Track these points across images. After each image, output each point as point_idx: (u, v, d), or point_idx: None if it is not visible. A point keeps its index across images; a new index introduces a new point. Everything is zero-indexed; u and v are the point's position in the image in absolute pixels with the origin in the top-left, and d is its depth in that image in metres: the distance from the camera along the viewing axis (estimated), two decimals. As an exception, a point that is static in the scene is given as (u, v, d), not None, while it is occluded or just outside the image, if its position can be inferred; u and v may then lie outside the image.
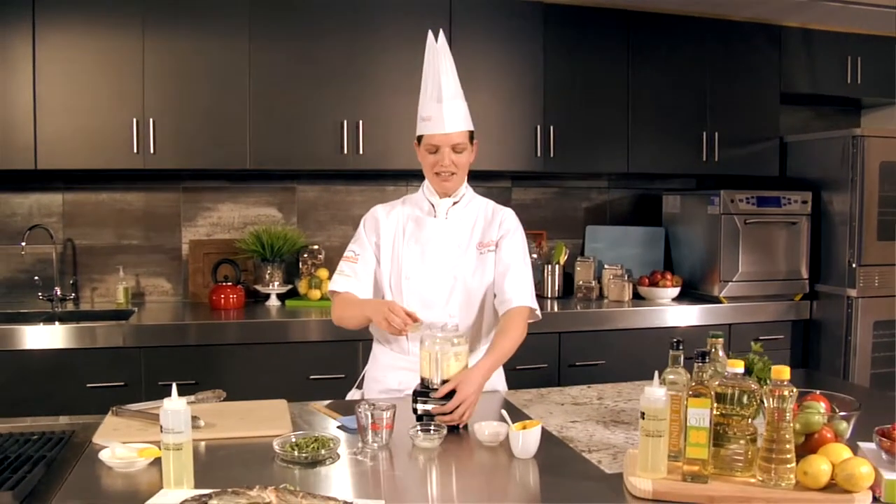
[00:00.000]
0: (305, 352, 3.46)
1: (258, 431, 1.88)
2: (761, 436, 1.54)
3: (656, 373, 1.56)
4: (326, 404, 2.19)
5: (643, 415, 1.54)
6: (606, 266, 4.22)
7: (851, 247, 3.87)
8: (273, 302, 3.93)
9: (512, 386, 2.50)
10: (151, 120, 3.51)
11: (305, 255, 4.08)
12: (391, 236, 2.36)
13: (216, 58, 3.60)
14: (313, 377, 3.43)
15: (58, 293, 3.71)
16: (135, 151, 3.51)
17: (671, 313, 3.87)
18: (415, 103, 2.33)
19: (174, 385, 1.57)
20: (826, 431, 1.58)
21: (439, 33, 2.34)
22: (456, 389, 1.93)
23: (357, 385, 2.52)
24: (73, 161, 3.47)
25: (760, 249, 3.96)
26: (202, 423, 1.90)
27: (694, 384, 1.53)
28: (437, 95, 2.25)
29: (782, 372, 1.50)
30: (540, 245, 4.31)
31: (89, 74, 3.47)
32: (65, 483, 1.59)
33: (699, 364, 1.54)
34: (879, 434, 1.57)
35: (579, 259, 4.27)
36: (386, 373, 2.36)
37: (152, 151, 3.53)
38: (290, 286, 4.01)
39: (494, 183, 4.42)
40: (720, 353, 1.71)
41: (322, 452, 1.71)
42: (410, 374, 2.16)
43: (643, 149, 4.11)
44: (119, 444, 1.69)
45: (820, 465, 1.47)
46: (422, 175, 4.00)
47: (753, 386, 1.54)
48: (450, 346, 1.98)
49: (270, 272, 3.95)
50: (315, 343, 3.47)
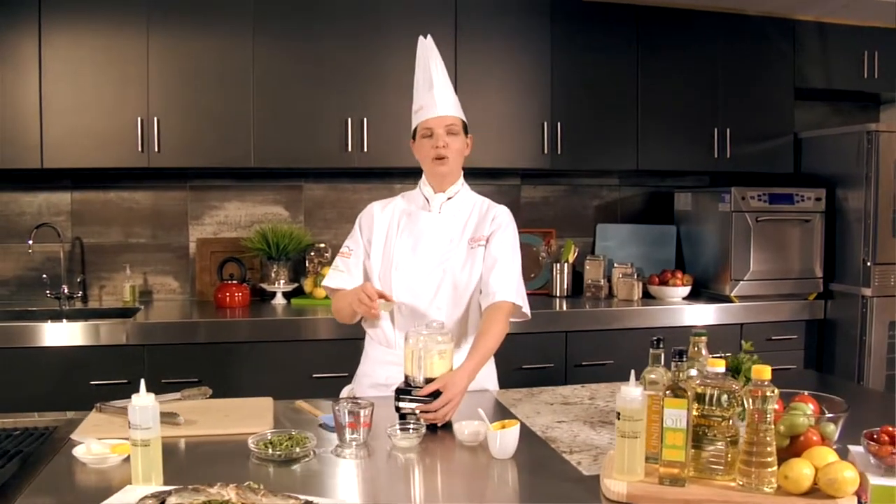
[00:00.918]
0: (309, 350, 3.45)
1: (238, 429, 1.86)
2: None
3: (632, 372, 1.52)
4: (311, 402, 2.17)
5: (619, 415, 1.49)
6: (616, 265, 4.16)
7: (866, 245, 3.77)
8: (279, 300, 3.92)
9: (517, 384, 2.46)
10: (156, 119, 3.53)
11: (312, 254, 4.08)
12: (384, 230, 2.36)
13: (220, 56, 3.60)
14: (316, 375, 3.41)
15: (65, 291, 3.74)
16: (139, 150, 3.52)
17: (681, 313, 3.80)
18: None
19: (142, 381, 1.55)
20: (812, 434, 1.52)
21: (428, 36, 2.39)
22: (442, 390, 1.91)
23: (351, 381, 2.51)
24: (79, 160, 3.49)
25: (773, 247, 3.88)
26: (182, 420, 1.89)
27: (671, 384, 1.48)
28: (429, 84, 2.31)
29: (762, 372, 1.45)
30: (549, 243, 4.26)
31: (94, 74, 3.49)
32: (37, 478, 1.59)
33: (676, 363, 1.50)
34: (867, 437, 1.52)
35: (589, 257, 4.21)
36: (375, 367, 2.34)
37: (157, 150, 3.54)
38: (297, 284, 4.01)
39: (504, 181, 4.38)
40: (703, 352, 1.66)
41: (296, 450, 1.69)
42: (397, 369, 2.13)
43: (653, 146, 4.05)
44: (94, 441, 1.68)
45: (802, 469, 1.42)
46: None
47: (735, 386, 1.49)
48: (434, 344, 1.95)
49: (276, 270, 3.95)
50: (319, 341, 3.46)
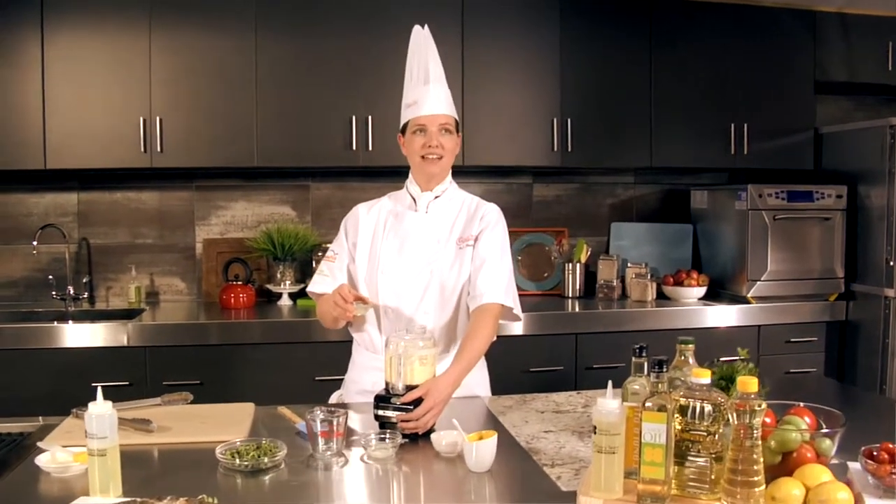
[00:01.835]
0: (311, 352, 3.39)
1: (212, 437, 1.79)
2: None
3: (609, 383, 1.43)
4: (294, 408, 2.10)
5: (595, 429, 1.41)
6: (630, 264, 4.05)
7: (889, 244, 3.61)
8: (285, 301, 3.88)
9: (524, 388, 2.38)
10: (159, 118, 3.50)
11: (318, 254, 4.02)
12: (370, 232, 2.29)
13: (223, 55, 3.56)
14: (319, 378, 3.35)
15: (71, 292, 3.73)
16: (142, 150, 3.50)
17: (695, 314, 3.68)
18: None
19: (99, 388, 1.50)
20: (806, 450, 1.42)
21: (425, 25, 2.29)
22: (423, 397, 1.83)
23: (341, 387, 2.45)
24: (82, 160, 3.48)
25: (791, 247, 3.74)
26: (154, 427, 1.84)
27: (649, 396, 1.39)
28: (424, 78, 2.23)
29: (748, 384, 1.35)
30: (560, 243, 4.16)
31: (97, 74, 3.47)
32: (-5, 487, 1.55)
33: (656, 373, 1.40)
34: (866, 455, 1.41)
35: (602, 257, 4.10)
36: (361, 373, 2.27)
37: (160, 150, 3.51)
38: (303, 285, 3.95)
39: (515, 179, 4.29)
40: (690, 361, 1.56)
41: (265, 461, 1.62)
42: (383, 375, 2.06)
43: (667, 142, 3.93)
44: (59, 448, 1.63)
45: (791, 490, 1.32)
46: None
47: (720, 398, 1.40)
48: (415, 349, 1.87)
49: (282, 271, 3.91)
50: (321, 343, 3.40)
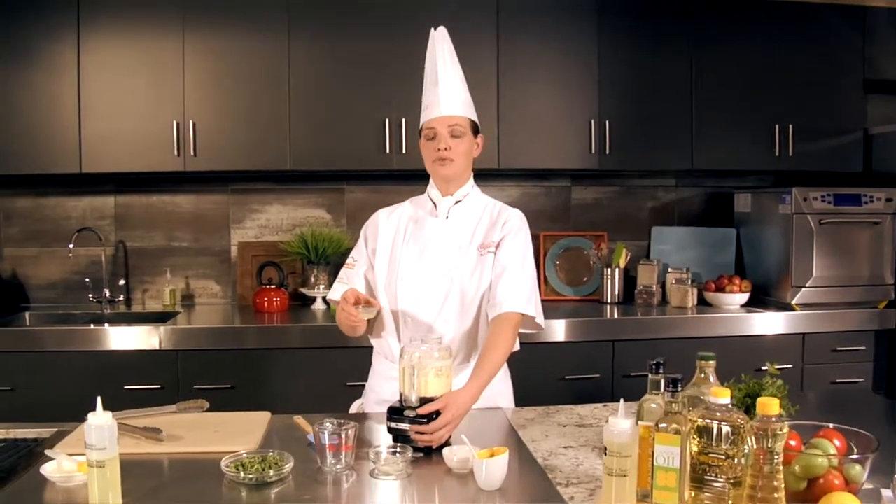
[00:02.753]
0: (343, 357, 3.36)
1: (222, 447, 1.76)
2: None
3: (622, 401, 1.35)
4: (309, 417, 2.06)
5: (605, 450, 1.33)
6: (670, 269, 3.94)
7: (943, 249, 3.44)
8: (319, 305, 3.86)
9: (560, 396, 2.32)
10: (192, 122, 3.51)
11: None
12: (390, 238, 2.25)
13: (255, 58, 3.56)
14: (350, 383, 3.32)
15: (107, 295, 3.77)
16: (176, 154, 3.51)
17: (737, 321, 3.54)
18: None
19: (98, 399, 1.48)
20: (833, 477, 1.33)
21: (440, 27, 2.25)
22: (441, 410, 1.77)
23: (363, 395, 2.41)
24: (117, 164, 3.51)
25: (838, 252, 3.57)
26: (164, 436, 1.81)
27: (663, 416, 1.31)
28: (435, 80, 2.17)
29: (769, 406, 1.26)
30: (599, 247, 4.06)
31: (131, 78, 3.50)
32: (-1, 495, 1.54)
33: (671, 392, 1.32)
34: (900, 481, 1.31)
35: (642, 262, 3.99)
36: (381, 383, 2.23)
37: (193, 154, 3.53)
38: (337, 289, 3.93)
39: (553, 182, 4.21)
40: (711, 379, 1.47)
41: (269, 473, 1.58)
42: None
43: (708, 144, 3.80)
44: (66, 457, 1.62)
45: (815, 518, 1.23)
46: (473, 174, 3.86)
47: (740, 420, 1.31)
48: (430, 360, 1.82)
49: (316, 275, 3.89)
50: (353, 349, 3.32)
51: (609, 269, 3.98)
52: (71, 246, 3.64)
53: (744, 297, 3.70)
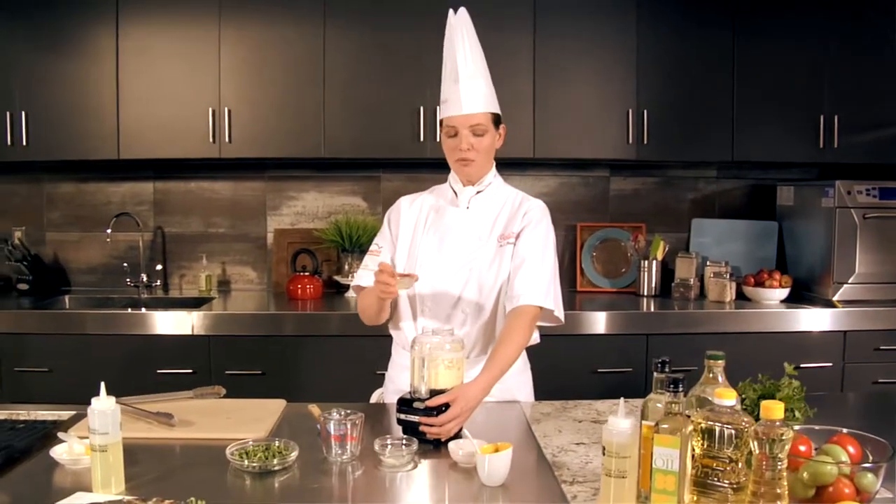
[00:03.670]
0: (374, 346, 3.33)
1: (232, 433, 1.77)
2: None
3: (621, 400, 1.31)
4: (324, 406, 2.06)
5: (604, 450, 1.30)
6: (709, 263, 3.84)
7: None
8: (352, 294, 3.85)
9: (591, 390, 2.28)
10: (227, 109, 3.54)
11: (384, 246, 3.99)
12: (412, 226, 2.23)
13: (290, 46, 3.57)
14: (380, 372, 3.31)
15: (144, 280, 3.83)
16: (211, 141, 3.55)
17: (775, 317, 3.43)
18: (494, 87, 2.18)
19: (102, 384, 1.49)
20: (843, 485, 1.27)
21: (460, 9, 2.15)
22: (451, 403, 1.75)
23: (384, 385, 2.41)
24: (153, 150, 3.56)
25: (883, 248, 3.43)
26: (176, 422, 1.83)
27: (663, 416, 1.27)
28: (455, 75, 2.11)
29: (772, 409, 1.21)
30: (637, 239, 3.98)
31: (168, 65, 3.54)
32: (7, 475, 1.56)
33: (672, 392, 1.28)
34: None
35: (680, 254, 3.90)
36: (399, 373, 2.22)
37: (228, 141, 3.56)
38: (370, 277, 3.94)
39: (591, 172, 4.14)
40: (720, 379, 1.42)
41: (273, 462, 1.59)
42: None
43: (750, 135, 3.68)
44: (77, 440, 1.64)
45: (821, 528, 1.18)
46: (509, 163, 3.81)
47: (744, 423, 1.26)
48: (441, 352, 1.80)
49: (350, 262, 3.90)
50: (384, 338, 3.31)
51: (646, 262, 3.90)
52: (109, 231, 3.71)
53: (784, 293, 3.59)
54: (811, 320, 3.42)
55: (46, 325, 3.32)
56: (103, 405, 1.45)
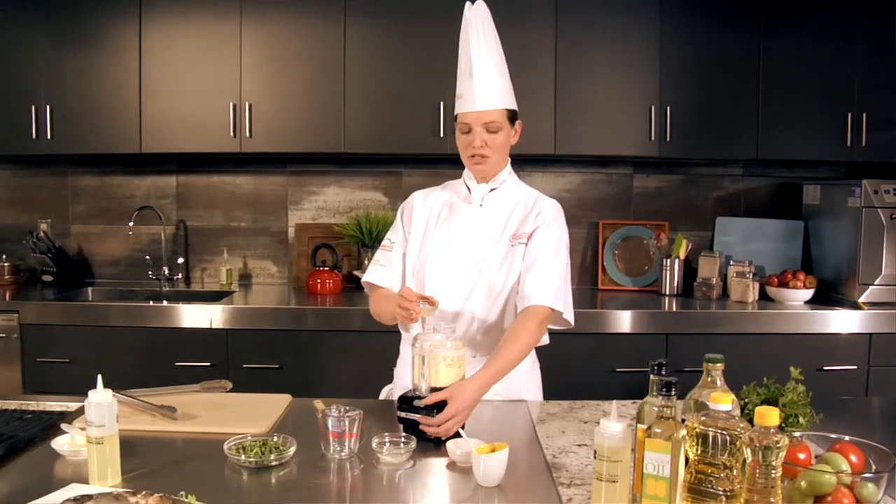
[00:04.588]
0: (391, 341, 3.32)
1: (234, 428, 1.78)
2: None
3: (614, 403, 1.29)
4: (329, 402, 2.06)
5: (595, 454, 1.27)
6: (733, 262, 3.77)
7: None
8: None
9: (609, 390, 2.25)
10: (248, 104, 3.56)
11: (404, 242, 3.99)
12: (424, 222, 2.21)
13: (311, 41, 3.58)
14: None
15: (165, 273, 3.87)
16: (232, 135, 3.57)
17: (798, 318, 3.36)
18: (515, 82, 2.15)
19: (99, 377, 1.50)
20: (843, 495, 1.23)
21: (477, 1, 2.12)
22: (447, 401, 1.74)
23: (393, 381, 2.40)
24: (174, 144, 3.60)
25: (910, 249, 3.36)
26: (178, 415, 1.84)
27: (655, 421, 1.24)
28: (469, 70, 2.07)
29: (767, 416, 1.17)
30: (659, 237, 3.92)
31: (190, 60, 3.57)
32: (8, 465, 1.58)
33: (665, 396, 1.25)
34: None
35: (703, 253, 3.84)
36: (407, 369, 2.20)
37: (248, 135, 3.57)
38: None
39: (614, 169, 4.09)
40: (718, 383, 1.38)
41: (270, 458, 1.58)
42: None
43: (775, 132, 3.60)
44: (79, 431, 1.66)
45: (816, 538, 1.15)
46: (530, 160, 3.76)
47: (739, 428, 1.22)
48: (441, 350, 1.78)
49: (370, 258, 3.89)
50: (401, 334, 3.36)
51: (668, 260, 3.85)
52: (131, 224, 3.75)
53: (808, 294, 3.51)
54: (836, 322, 3.35)
55: (69, 317, 3.37)
56: (100, 397, 1.46)
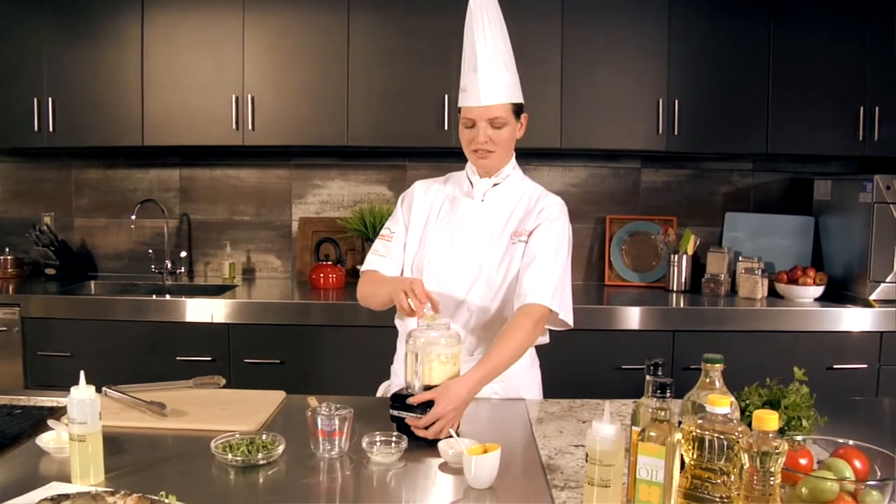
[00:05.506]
0: (394, 337, 3.31)
1: (224, 425, 1.74)
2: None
3: (607, 404, 1.24)
4: (324, 399, 2.02)
5: (587, 457, 1.23)
6: (741, 258, 3.71)
7: None
8: (373, 283, 3.83)
9: (613, 388, 2.20)
10: (251, 96, 3.53)
11: (409, 236, 3.95)
12: (424, 215, 2.16)
13: (314, 33, 3.54)
14: (398, 364, 3.28)
15: (168, 266, 3.85)
16: (234, 128, 3.54)
17: (807, 316, 3.30)
18: (521, 75, 2.09)
19: (81, 373, 1.47)
20: (846, 503, 1.18)
21: None
22: (434, 402, 1.69)
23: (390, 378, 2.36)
24: (177, 137, 3.57)
25: (923, 245, 3.28)
26: (168, 412, 1.81)
27: (649, 424, 1.20)
28: (473, 63, 2.01)
29: (765, 420, 1.12)
30: (667, 232, 3.86)
31: (193, 52, 3.54)
32: (-6, 461, 1.56)
33: (659, 398, 1.20)
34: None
35: (712, 249, 3.77)
36: (403, 366, 2.16)
37: (251, 128, 3.54)
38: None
39: (622, 163, 4.03)
40: (717, 384, 1.33)
41: (258, 456, 1.55)
42: None
43: (786, 126, 3.53)
44: (64, 427, 1.63)
45: (816, 548, 1.10)
46: (537, 153, 3.71)
47: (737, 433, 1.18)
48: (435, 347, 1.74)
49: (373, 252, 3.86)
50: (400, 328, 3.33)
51: (676, 256, 3.79)
52: (133, 217, 3.73)
53: (818, 291, 3.45)
54: (846, 320, 3.28)
55: (70, 310, 3.36)
56: (82, 394, 1.43)
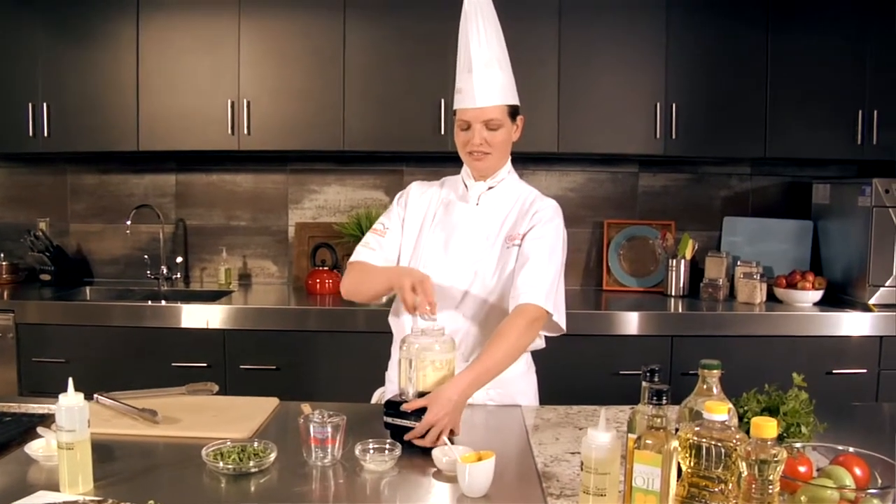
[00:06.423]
0: (390, 343, 3.31)
1: (217, 433, 1.71)
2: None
3: (603, 410, 1.22)
4: (319, 406, 2.00)
5: (582, 465, 1.21)
6: (740, 263, 3.69)
7: None
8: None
9: (611, 394, 2.21)
10: (246, 101, 3.51)
11: (406, 241, 3.93)
12: (420, 217, 2.14)
13: (310, 38, 3.53)
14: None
15: (164, 272, 3.83)
16: (230, 133, 3.52)
17: (806, 320, 3.29)
18: (517, 78, 2.08)
19: (70, 380, 1.45)
20: (846, 510, 1.16)
21: None
22: (427, 409, 1.67)
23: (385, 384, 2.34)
24: (172, 142, 3.55)
25: (923, 250, 3.27)
26: (160, 419, 1.79)
27: (645, 431, 1.18)
28: (468, 65, 1.99)
29: (763, 427, 1.10)
30: (665, 237, 3.85)
31: (188, 57, 3.53)
32: (-17, 470, 1.54)
33: (655, 404, 1.18)
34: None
35: (710, 254, 3.76)
36: (397, 372, 2.13)
37: (247, 132, 3.53)
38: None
39: (619, 168, 4.01)
40: (714, 391, 1.31)
41: (249, 464, 1.53)
42: None
43: (784, 130, 3.52)
44: (54, 436, 1.60)
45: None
46: (534, 158, 3.69)
47: (736, 439, 1.16)
48: (429, 352, 1.72)
49: (370, 257, 3.84)
50: (400, 334, 3.31)
51: (674, 261, 3.77)
52: (128, 223, 3.71)
53: (817, 295, 3.43)
54: (845, 324, 3.27)
55: (65, 316, 3.34)
56: (70, 401, 1.41)
